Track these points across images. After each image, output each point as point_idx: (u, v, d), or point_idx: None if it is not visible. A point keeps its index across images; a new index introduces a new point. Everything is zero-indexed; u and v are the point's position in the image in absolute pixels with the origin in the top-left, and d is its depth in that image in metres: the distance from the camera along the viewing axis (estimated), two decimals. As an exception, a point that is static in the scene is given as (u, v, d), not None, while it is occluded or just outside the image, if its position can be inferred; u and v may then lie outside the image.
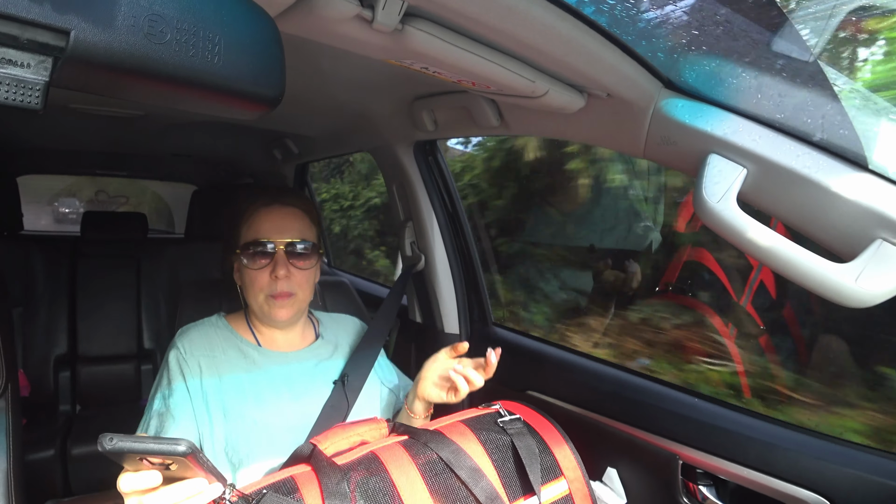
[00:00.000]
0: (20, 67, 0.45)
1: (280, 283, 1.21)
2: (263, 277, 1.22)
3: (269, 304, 1.23)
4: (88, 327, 2.53)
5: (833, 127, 0.78)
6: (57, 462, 2.16)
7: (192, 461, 0.71)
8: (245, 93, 0.57)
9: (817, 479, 0.99)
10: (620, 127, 1.03)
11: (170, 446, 0.68)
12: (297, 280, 1.24)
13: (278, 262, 1.21)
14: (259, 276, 1.22)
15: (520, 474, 1.03)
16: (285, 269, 1.21)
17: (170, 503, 0.77)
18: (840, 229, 0.77)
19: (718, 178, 0.85)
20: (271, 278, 1.21)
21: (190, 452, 0.69)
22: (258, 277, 1.22)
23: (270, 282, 1.21)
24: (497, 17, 0.75)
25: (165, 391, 1.17)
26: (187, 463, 0.72)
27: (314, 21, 0.76)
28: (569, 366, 1.50)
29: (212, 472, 0.79)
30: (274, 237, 1.22)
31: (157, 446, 0.68)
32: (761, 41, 0.85)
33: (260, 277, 1.22)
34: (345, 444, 1.03)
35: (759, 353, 2.19)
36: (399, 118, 1.57)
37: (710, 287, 2.42)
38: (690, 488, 1.17)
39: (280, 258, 1.22)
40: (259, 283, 1.22)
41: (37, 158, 2.98)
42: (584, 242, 3.33)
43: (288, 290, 1.22)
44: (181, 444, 0.68)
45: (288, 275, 1.21)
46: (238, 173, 3.19)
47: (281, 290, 1.21)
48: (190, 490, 0.78)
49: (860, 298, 0.75)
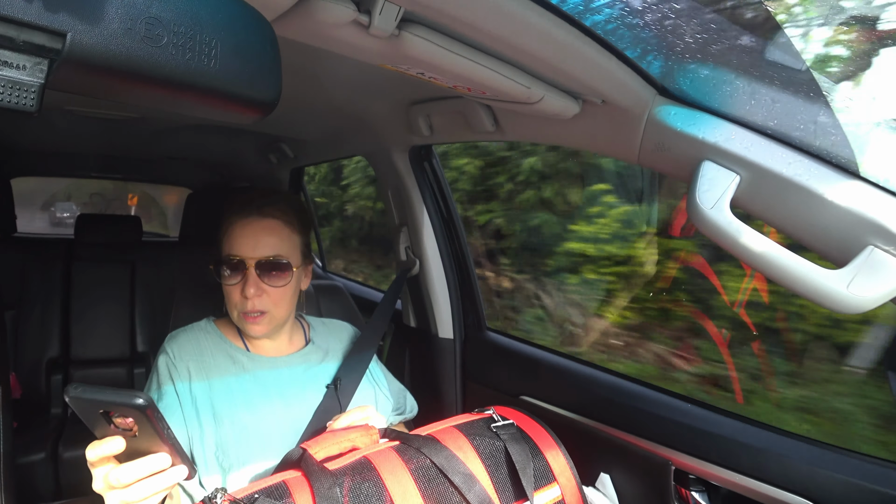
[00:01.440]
0: (15, 69, 0.45)
1: (250, 302, 1.18)
2: (236, 294, 1.20)
3: (241, 322, 1.22)
4: (81, 330, 2.51)
5: (825, 134, 0.79)
6: (48, 465, 2.15)
7: (150, 416, 0.71)
8: (241, 96, 0.57)
9: (809, 484, 1.00)
10: (615, 133, 1.04)
11: (128, 397, 0.70)
12: (272, 298, 1.20)
13: (248, 279, 1.18)
14: (232, 292, 1.20)
15: (513, 480, 1.03)
16: (255, 287, 1.18)
17: (132, 477, 0.77)
18: (832, 236, 0.78)
19: (712, 184, 0.86)
20: (241, 296, 1.19)
21: (147, 406, 0.70)
22: (231, 293, 1.20)
23: (241, 300, 1.19)
24: (493, 23, 0.75)
25: (155, 396, 1.17)
26: (152, 433, 0.74)
27: (311, 25, 0.76)
28: (563, 371, 1.50)
29: (175, 446, 0.78)
30: (245, 253, 1.18)
31: (115, 396, 0.70)
32: (754, 49, 0.86)
33: (233, 294, 1.20)
34: (335, 449, 1.02)
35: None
36: (395, 123, 1.57)
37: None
38: (683, 494, 1.17)
39: (251, 276, 1.18)
40: (232, 300, 1.20)
41: (31, 160, 2.97)
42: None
43: (260, 309, 1.19)
44: (140, 397, 0.70)
45: (259, 293, 1.18)
46: (233, 177, 3.18)
47: (252, 307, 1.19)
48: (153, 465, 0.77)
49: (851, 305, 0.75)
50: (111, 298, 2.58)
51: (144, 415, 0.71)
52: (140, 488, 0.78)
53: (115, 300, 2.59)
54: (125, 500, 0.78)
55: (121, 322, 2.59)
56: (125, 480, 0.76)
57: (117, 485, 0.77)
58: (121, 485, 0.77)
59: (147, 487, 0.78)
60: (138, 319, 2.62)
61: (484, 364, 1.74)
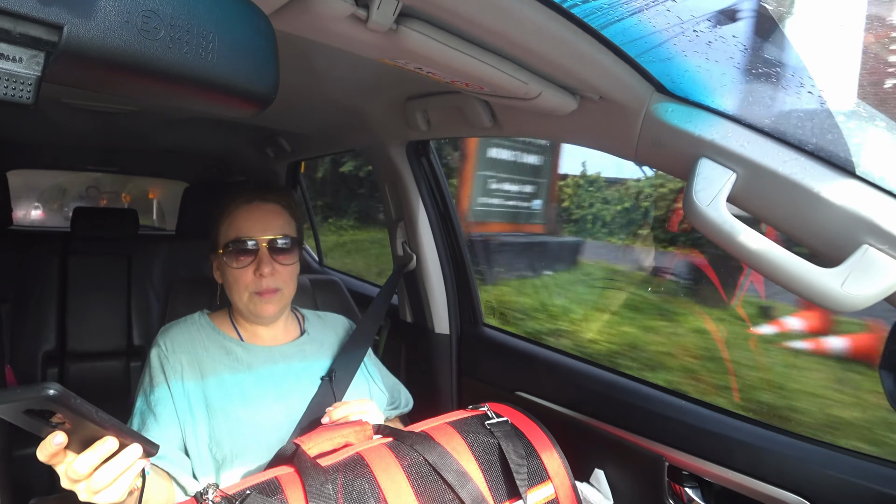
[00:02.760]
0: (12, 62, 0.45)
1: (265, 280, 1.21)
2: (247, 275, 1.22)
3: (254, 302, 1.23)
4: (78, 323, 2.50)
5: (821, 133, 0.79)
6: None
7: (66, 403, 0.70)
8: (238, 90, 0.57)
9: (801, 481, 1.00)
10: (612, 130, 1.04)
11: (36, 390, 0.68)
12: (283, 276, 1.24)
13: (262, 259, 1.21)
14: (243, 275, 1.22)
15: (506, 477, 1.03)
16: (269, 266, 1.21)
17: (87, 467, 0.77)
18: (827, 234, 0.78)
19: (708, 181, 0.86)
20: (255, 276, 1.21)
21: (57, 395, 0.68)
22: (242, 276, 1.22)
23: (255, 279, 1.21)
24: (491, 18, 0.75)
25: (147, 389, 1.17)
26: (83, 420, 0.73)
27: (309, 19, 0.76)
28: (558, 367, 1.50)
29: (117, 427, 0.77)
30: (256, 234, 1.22)
31: (25, 392, 0.69)
32: (752, 47, 0.86)
33: (244, 275, 1.22)
34: (328, 445, 1.02)
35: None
36: (392, 117, 1.57)
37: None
38: (676, 490, 1.17)
39: (264, 255, 1.22)
40: (243, 281, 1.22)
41: (27, 153, 2.96)
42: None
43: (274, 286, 1.22)
44: (48, 388, 0.68)
45: (273, 271, 1.22)
46: (230, 170, 3.17)
47: (267, 286, 1.21)
48: (101, 451, 0.77)
49: (846, 303, 0.76)
50: (107, 292, 2.57)
51: (61, 404, 0.69)
52: (100, 475, 0.78)
53: (112, 293, 2.58)
54: (92, 489, 0.79)
55: (117, 315, 2.58)
56: (82, 471, 0.77)
57: (77, 477, 0.78)
58: (80, 476, 0.77)
59: (107, 473, 0.78)
60: (134, 313, 2.61)
61: (480, 359, 1.75)
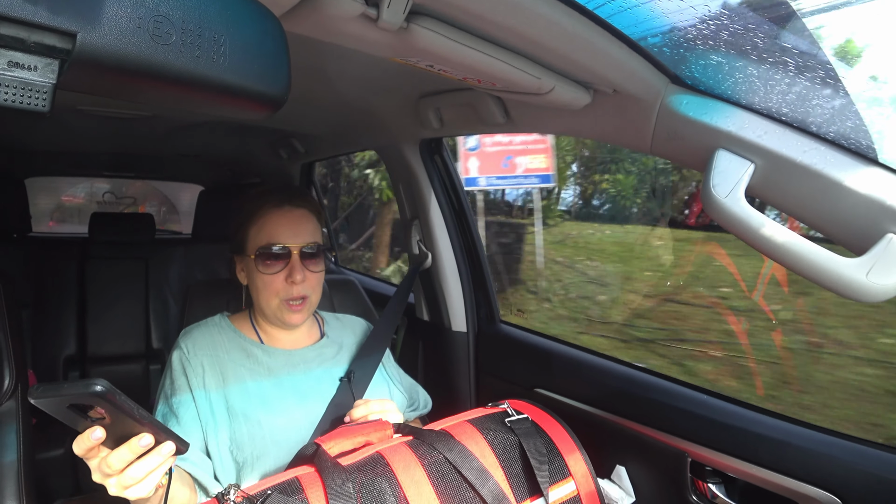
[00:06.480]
0: (27, 70, 0.45)
1: (296, 288, 1.21)
2: (278, 282, 1.21)
3: (282, 310, 1.22)
4: (97, 328, 2.54)
5: (841, 120, 0.77)
6: (66, 461, 2.17)
7: (111, 399, 0.72)
8: (251, 93, 0.57)
9: (829, 477, 0.99)
10: (627, 123, 1.03)
11: (85, 386, 0.70)
12: (311, 283, 1.23)
13: (294, 266, 1.20)
14: (273, 281, 1.21)
15: (527, 475, 1.02)
16: (301, 273, 1.20)
17: (121, 462, 0.78)
18: (850, 224, 0.77)
19: (726, 173, 0.84)
20: (287, 283, 1.21)
21: (105, 391, 0.70)
22: (272, 282, 1.21)
23: (286, 286, 1.21)
24: (502, 13, 0.74)
25: (168, 391, 1.18)
26: (123, 416, 0.74)
27: (319, 20, 0.76)
28: (577, 363, 1.49)
29: (154, 424, 0.79)
30: (289, 241, 1.21)
31: (73, 388, 0.71)
32: (768, 35, 0.85)
33: (274, 282, 1.21)
34: (349, 444, 1.02)
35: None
36: (405, 116, 1.57)
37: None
38: (699, 486, 1.16)
39: (296, 262, 1.21)
40: (273, 288, 1.21)
41: (44, 160, 2.99)
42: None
43: (303, 293, 1.22)
44: (96, 384, 0.70)
45: (304, 278, 1.21)
46: (244, 173, 3.19)
47: (297, 293, 1.21)
48: (137, 446, 0.78)
49: (871, 294, 0.74)
50: (126, 296, 2.60)
51: (106, 400, 0.71)
52: (133, 471, 0.79)
53: (130, 297, 2.61)
54: (123, 484, 0.80)
55: (136, 319, 2.61)
56: (116, 466, 0.78)
57: (110, 471, 0.79)
58: (113, 471, 0.79)
59: (140, 468, 0.79)
60: (153, 316, 2.64)
61: (497, 357, 1.74)
